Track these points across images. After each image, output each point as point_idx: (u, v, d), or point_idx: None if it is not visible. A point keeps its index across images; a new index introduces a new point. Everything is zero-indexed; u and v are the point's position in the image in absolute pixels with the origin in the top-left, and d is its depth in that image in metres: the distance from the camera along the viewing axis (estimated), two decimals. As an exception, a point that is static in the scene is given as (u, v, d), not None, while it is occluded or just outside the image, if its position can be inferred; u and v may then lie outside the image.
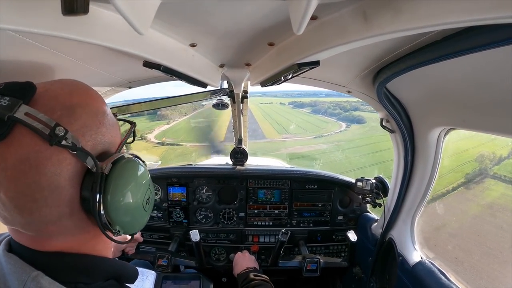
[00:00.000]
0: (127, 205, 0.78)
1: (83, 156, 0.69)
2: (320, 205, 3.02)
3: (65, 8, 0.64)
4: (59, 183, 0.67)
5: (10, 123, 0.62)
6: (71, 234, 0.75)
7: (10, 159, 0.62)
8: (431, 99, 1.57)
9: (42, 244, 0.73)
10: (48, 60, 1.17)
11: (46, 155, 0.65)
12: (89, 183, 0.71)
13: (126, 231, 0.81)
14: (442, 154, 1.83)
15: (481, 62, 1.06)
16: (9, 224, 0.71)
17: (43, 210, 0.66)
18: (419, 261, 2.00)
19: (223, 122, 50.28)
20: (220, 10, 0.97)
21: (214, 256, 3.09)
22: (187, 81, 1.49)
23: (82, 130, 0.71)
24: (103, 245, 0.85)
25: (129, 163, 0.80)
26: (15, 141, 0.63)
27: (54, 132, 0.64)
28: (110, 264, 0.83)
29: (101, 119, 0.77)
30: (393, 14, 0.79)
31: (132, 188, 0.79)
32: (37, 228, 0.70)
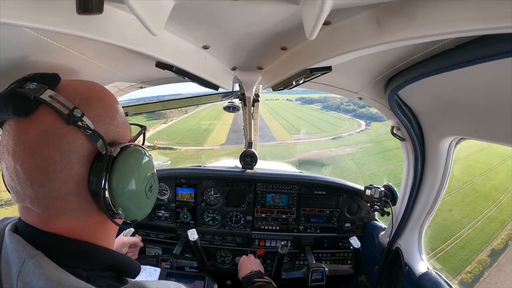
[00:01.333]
0: (131, 188, 0.84)
1: (95, 138, 0.76)
2: (328, 211, 3.00)
3: (80, 7, 0.65)
4: (70, 159, 0.74)
5: (35, 102, 0.71)
6: (75, 217, 0.79)
7: (31, 133, 0.71)
8: (442, 108, 1.55)
9: (47, 224, 0.77)
10: (61, 58, 1.18)
11: (62, 132, 0.72)
12: (98, 165, 0.77)
13: (127, 215, 0.86)
14: (453, 163, 1.81)
15: (494, 72, 1.05)
16: (19, 199, 0.76)
17: (52, 183, 0.72)
18: (425, 271, 1.98)
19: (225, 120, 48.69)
20: (234, 13, 0.98)
21: (220, 259, 3.09)
22: (199, 83, 1.50)
23: (96, 118, 0.79)
24: (105, 235, 0.89)
25: (136, 150, 0.88)
26: (38, 118, 0.72)
27: (72, 113, 0.72)
28: (111, 254, 0.87)
29: (113, 114, 0.86)
30: (407, 21, 0.79)
31: (137, 173, 0.86)
32: (44, 203, 0.74)
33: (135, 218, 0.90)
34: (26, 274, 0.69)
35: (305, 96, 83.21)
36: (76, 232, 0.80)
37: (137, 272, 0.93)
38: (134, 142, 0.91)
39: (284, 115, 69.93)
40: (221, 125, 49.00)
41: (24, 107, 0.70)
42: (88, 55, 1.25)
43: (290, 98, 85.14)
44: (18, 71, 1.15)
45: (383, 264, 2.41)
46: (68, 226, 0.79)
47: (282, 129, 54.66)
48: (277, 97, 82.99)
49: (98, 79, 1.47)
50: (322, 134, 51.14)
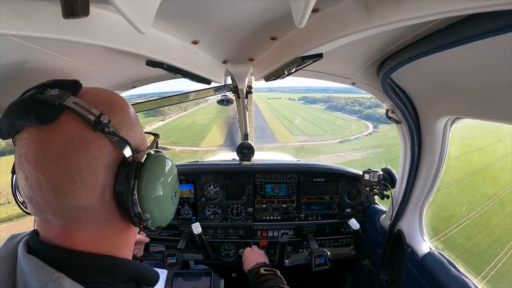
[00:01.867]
0: (158, 194, 0.83)
1: (122, 144, 0.75)
2: (328, 198, 3.02)
3: (66, 11, 0.64)
4: (97, 167, 0.72)
5: (59, 108, 0.69)
6: (98, 226, 0.77)
7: (54, 140, 0.68)
8: (436, 89, 1.55)
9: (68, 237, 0.74)
10: (51, 63, 1.17)
11: (89, 139, 0.71)
12: (124, 172, 0.75)
13: (154, 222, 0.85)
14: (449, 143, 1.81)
15: (485, 50, 1.05)
16: (39, 211, 0.73)
17: (78, 192, 0.70)
18: (428, 252, 2.00)
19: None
20: (221, 5, 0.97)
21: (224, 252, 3.10)
22: (191, 78, 1.49)
23: (120, 125, 0.78)
24: (125, 244, 0.87)
25: (161, 156, 0.87)
26: (62, 125, 0.69)
27: (99, 119, 0.71)
28: (132, 265, 0.85)
29: (133, 121, 0.85)
30: (395, 4, 0.79)
31: (164, 178, 0.85)
32: (68, 214, 0.72)
33: (160, 224, 0.89)
34: None
35: (308, 96, 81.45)
36: (98, 244, 0.78)
37: (156, 281, 0.92)
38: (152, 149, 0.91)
39: (287, 115, 67.96)
40: (220, 123, 47.38)
41: (48, 114, 0.68)
42: (78, 59, 1.24)
43: (292, 97, 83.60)
44: (8, 80, 1.14)
45: (385, 247, 2.43)
46: (90, 237, 0.76)
47: (285, 130, 52.58)
48: (279, 95, 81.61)
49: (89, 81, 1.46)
50: (328, 136, 49.37)
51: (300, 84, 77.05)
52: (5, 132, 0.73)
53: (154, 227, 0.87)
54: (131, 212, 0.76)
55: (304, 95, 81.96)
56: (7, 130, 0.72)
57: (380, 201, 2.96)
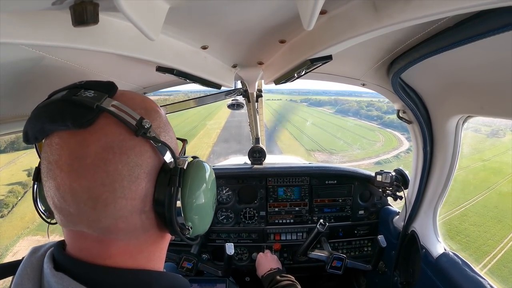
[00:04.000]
0: (200, 202, 0.80)
1: (163, 150, 0.71)
2: (340, 200, 3.00)
3: (76, 19, 0.65)
4: (139, 174, 0.68)
5: (98, 111, 0.64)
6: (135, 237, 0.73)
7: (92, 146, 0.63)
8: (447, 87, 1.54)
9: (102, 249, 0.70)
10: (62, 72, 1.19)
11: (130, 144, 0.67)
12: (165, 179, 0.72)
13: (195, 230, 0.82)
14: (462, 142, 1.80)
15: (495, 46, 1.04)
16: (72, 223, 0.68)
17: (118, 201, 0.65)
18: (442, 253, 1.98)
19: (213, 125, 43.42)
20: (229, 10, 0.98)
21: (237, 256, 3.10)
22: (201, 83, 1.50)
23: (158, 130, 0.74)
24: (159, 255, 0.83)
25: (201, 164, 0.84)
26: (100, 129, 0.64)
27: (141, 124, 0.67)
28: (167, 278, 0.81)
29: (168, 126, 0.81)
30: (404, 3, 0.79)
31: (205, 185, 0.82)
32: (106, 225, 0.67)
33: (199, 233, 0.86)
34: None
35: (311, 98, 77.14)
36: (133, 255, 0.73)
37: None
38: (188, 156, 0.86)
39: (292, 119, 57.06)
40: (207, 131, 42.82)
41: (85, 117, 0.63)
42: (88, 66, 1.26)
43: (294, 99, 79.97)
44: (19, 89, 1.17)
45: (399, 248, 2.40)
46: (125, 249, 0.72)
47: (292, 140, 42.12)
48: (279, 97, 76.75)
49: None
50: (354, 152, 38.00)
51: (299, 87, 74.22)
52: (32, 136, 0.67)
53: (194, 235, 0.84)
54: (174, 222, 0.72)
55: (307, 97, 77.54)
56: (34, 134, 0.67)
57: (393, 202, 2.93)
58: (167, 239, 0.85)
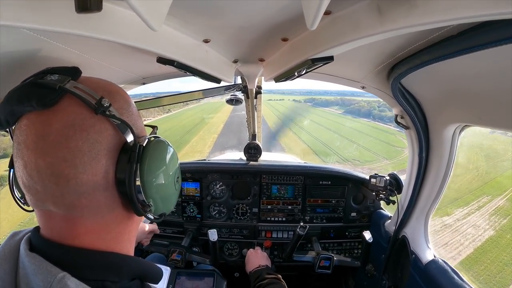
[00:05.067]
0: (161, 179, 0.82)
1: (123, 128, 0.74)
2: (333, 201, 3.01)
3: (79, 5, 0.65)
4: (99, 151, 0.71)
5: (60, 92, 0.68)
6: (100, 215, 0.75)
7: (55, 124, 0.67)
8: (446, 95, 1.54)
9: (70, 228, 0.72)
10: (62, 57, 1.18)
11: (90, 122, 0.70)
12: (126, 156, 0.74)
13: (157, 209, 0.83)
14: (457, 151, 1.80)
15: (496, 58, 1.04)
16: (40, 201, 0.70)
17: (80, 177, 0.68)
18: (432, 259, 1.99)
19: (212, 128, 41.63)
20: (233, 5, 0.98)
21: (227, 251, 3.11)
22: (201, 76, 1.50)
23: (120, 110, 0.77)
24: (127, 237, 0.85)
25: (162, 141, 0.86)
26: (62, 108, 0.68)
27: (100, 103, 0.70)
28: (137, 263, 0.83)
29: (133, 109, 0.84)
30: (408, 8, 0.79)
31: (166, 163, 0.85)
32: (70, 201, 0.69)
33: (163, 211, 0.87)
34: None
35: (315, 97, 74.74)
36: (100, 235, 0.76)
37: (160, 278, 0.91)
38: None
39: (299, 121, 52.24)
40: (206, 133, 40.76)
41: (48, 97, 0.66)
42: (89, 54, 1.25)
43: (297, 99, 77.95)
44: (20, 73, 1.16)
45: (389, 252, 2.42)
46: (92, 228, 0.74)
47: (302, 146, 38.08)
48: (281, 97, 74.32)
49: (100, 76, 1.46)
50: (382, 163, 30.94)
51: (300, 87, 73.02)
52: (4, 120, 0.71)
53: (157, 214, 0.86)
54: (134, 198, 0.75)
55: (311, 97, 75.27)
56: (6, 118, 0.70)
57: (385, 207, 2.94)
58: (135, 221, 0.87)
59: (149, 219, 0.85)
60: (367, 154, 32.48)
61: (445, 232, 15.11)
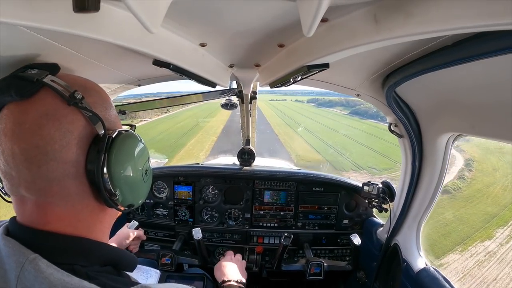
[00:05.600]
0: (128, 169, 0.86)
1: (94, 120, 0.79)
2: (326, 208, 3.01)
3: (77, 5, 0.65)
4: (70, 140, 0.75)
5: (38, 84, 0.75)
6: (70, 203, 0.79)
7: (31, 114, 0.73)
8: (440, 105, 1.55)
9: (41, 214, 0.77)
10: (58, 57, 1.17)
11: (63, 113, 0.75)
12: (96, 147, 0.79)
13: (124, 199, 0.87)
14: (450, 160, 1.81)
15: (491, 68, 1.05)
16: (14, 186, 0.76)
17: (50, 164, 0.73)
18: (423, 267, 1.99)
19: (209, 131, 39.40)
20: (231, 10, 0.98)
21: (218, 256, 3.09)
22: (196, 80, 1.50)
23: (94, 104, 0.82)
24: (100, 226, 0.89)
25: (132, 134, 0.91)
26: (39, 99, 0.74)
27: (73, 95, 0.76)
28: (107, 249, 0.87)
29: (108, 105, 0.90)
30: (404, 18, 0.79)
31: (134, 155, 0.89)
32: (41, 186, 0.74)
33: (131, 203, 0.91)
34: (27, 279, 0.69)
35: (319, 98, 73.85)
36: (71, 223, 0.80)
37: (135, 265, 0.94)
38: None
39: (304, 123, 48.87)
40: (203, 137, 38.33)
41: (26, 89, 0.73)
42: (85, 54, 1.25)
43: (300, 99, 77.11)
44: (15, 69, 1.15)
45: (381, 260, 2.41)
46: (63, 215, 0.78)
47: (309, 150, 33.97)
48: (283, 97, 73.58)
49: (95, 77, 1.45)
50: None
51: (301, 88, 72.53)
52: None
53: (125, 205, 0.90)
54: (101, 187, 0.79)
55: (314, 97, 74.40)
56: None
57: (378, 214, 2.95)
58: (108, 213, 0.91)
59: (117, 209, 0.89)
60: (383, 161, 28.92)
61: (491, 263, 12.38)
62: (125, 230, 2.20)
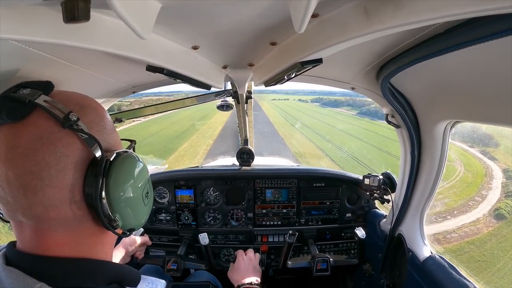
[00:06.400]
0: (128, 193, 0.82)
1: (91, 142, 0.75)
2: (328, 203, 3.02)
3: (67, 15, 0.65)
4: (66, 164, 0.72)
5: (30, 106, 0.70)
6: (69, 228, 0.76)
7: (24, 137, 0.69)
8: (435, 93, 1.56)
9: (40, 240, 0.74)
10: (51, 68, 1.17)
11: (58, 136, 0.71)
12: (93, 171, 0.75)
13: (124, 223, 0.83)
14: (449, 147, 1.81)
15: (484, 54, 1.05)
16: (11, 212, 0.73)
17: (46, 190, 0.70)
18: (429, 256, 1.99)
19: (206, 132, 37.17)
20: (220, 11, 0.98)
21: (224, 257, 3.09)
22: (190, 83, 1.49)
23: (90, 124, 0.78)
24: (102, 247, 0.86)
25: (131, 156, 0.87)
26: (32, 122, 0.70)
27: (68, 117, 0.71)
28: (111, 267, 0.85)
29: (105, 123, 0.85)
30: (394, 9, 0.79)
31: (133, 178, 0.85)
32: (37, 213, 0.71)
33: (132, 227, 0.88)
34: None
35: (323, 97, 72.33)
36: (72, 247, 0.77)
37: (138, 281, 0.92)
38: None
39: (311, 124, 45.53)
40: (197, 140, 35.82)
41: (18, 111, 0.69)
42: (78, 64, 1.24)
43: (303, 99, 75.67)
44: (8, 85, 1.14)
45: (386, 251, 2.42)
46: (62, 240, 0.76)
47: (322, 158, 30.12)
48: (285, 96, 71.93)
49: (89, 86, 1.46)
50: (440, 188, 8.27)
51: (303, 87, 71.59)
52: None
53: (125, 229, 0.87)
54: (100, 212, 0.75)
55: (317, 97, 72.85)
56: None
57: (380, 206, 2.96)
58: (109, 235, 0.87)
59: (116, 234, 0.85)
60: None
61: None
62: (131, 237, 2.17)
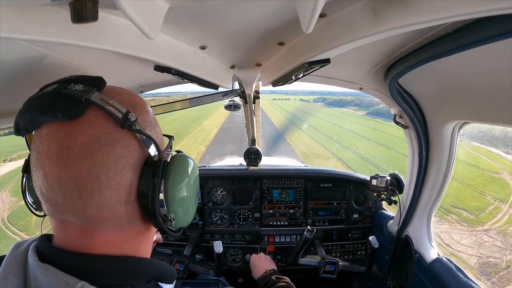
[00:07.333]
0: (183, 194, 0.82)
1: (147, 143, 0.73)
2: (335, 203, 3.01)
3: (75, 16, 0.66)
4: (124, 165, 0.70)
5: (86, 104, 0.66)
6: (119, 227, 0.74)
7: (80, 137, 0.65)
8: (444, 93, 1.55)
9: (87, 239, 0.71)
10: (60, 68, 1.18)
11: (116, 137, 0.68)
12: (149, 171, 0.73)
13: (177, 222, 0.83)
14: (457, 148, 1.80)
15: (493, 54, 1.05)
16: (58, 212, 0.69)
17: (104, 191, 0.67)
18: (436, 258, 1.98)
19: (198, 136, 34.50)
20: (228, 11, 0.98)
21: (230, 257, 3.10)
22: (198, 83, 1.50)
23: (144, 124, 0.76)
24: (145, 246, 0.85)
25: (185, 156, 0.86)
26: (88, 121, 0.66)
27: (127, 117, 0.69)
28: (153, 265, 0.83)
29: (154, 121, 0.83)
30: (402, 9, 0.79)
31: (188, 178, 0.84)
32: (90, 214, 0.68)
33: (182, 225, 0.87)
34: None
35: (327, 97, 70.78)
36: (118, 246, 0.75)
37: (174, 278, 0.91)
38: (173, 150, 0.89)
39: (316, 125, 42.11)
40: (187, 145, 32.52)
41: (74, 109, 0.65)
42: (86, 64, 1.25)
43: (305, 99, 74.58)
44: (17, 85, 1.16)
45: (393, 253, 2.41)
46: (110, 239, 0.73)
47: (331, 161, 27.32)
48: (286, 96, 70.97)
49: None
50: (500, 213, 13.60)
51: (303, 88, 70.77)
52: (23, 127, 0.69)
53: (176, 228, 0.86)
54: (157, 213, 0.74)
55: (320, 97, 71.50)
56: (25, 125, 0.69)
57: (387, 207, 2.94)
58: (152, 231, 0.87)
59: (168, 233, 0.85)
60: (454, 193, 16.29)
61: None
62: None
